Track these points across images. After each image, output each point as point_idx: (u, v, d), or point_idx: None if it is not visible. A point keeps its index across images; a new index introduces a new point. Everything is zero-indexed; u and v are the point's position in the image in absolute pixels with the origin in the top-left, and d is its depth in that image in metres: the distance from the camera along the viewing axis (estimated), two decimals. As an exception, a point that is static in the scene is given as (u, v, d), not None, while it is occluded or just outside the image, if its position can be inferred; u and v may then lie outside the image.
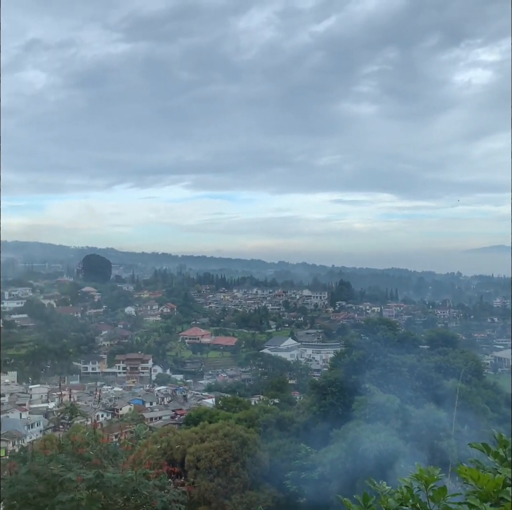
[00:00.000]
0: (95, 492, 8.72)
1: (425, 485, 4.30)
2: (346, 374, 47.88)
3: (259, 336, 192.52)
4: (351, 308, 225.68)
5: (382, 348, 50.74)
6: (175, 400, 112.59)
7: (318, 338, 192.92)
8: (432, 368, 46.86)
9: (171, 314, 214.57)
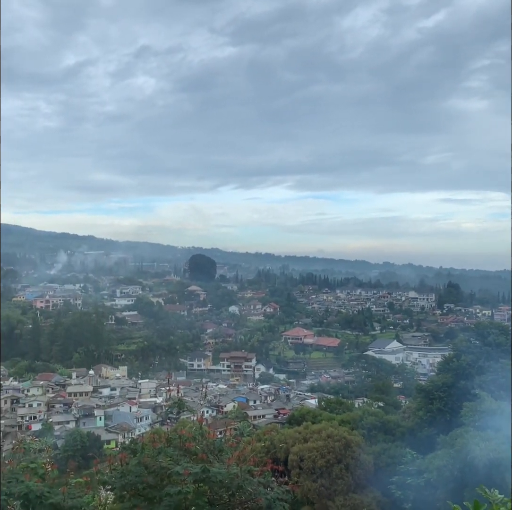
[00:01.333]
0: (201, 486, 8.93)
1: (540, 497, 4.10)
2: (455, 379, 46.30)
3: (362, 338, 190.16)
4: (460, 311, 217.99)
5: (494, 353, 48.67)
6: (278, 399, 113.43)
7: (424, 341, 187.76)
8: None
9: (274, 314, 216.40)
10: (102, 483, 9.55)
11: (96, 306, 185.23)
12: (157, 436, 10.46)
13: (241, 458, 9.57)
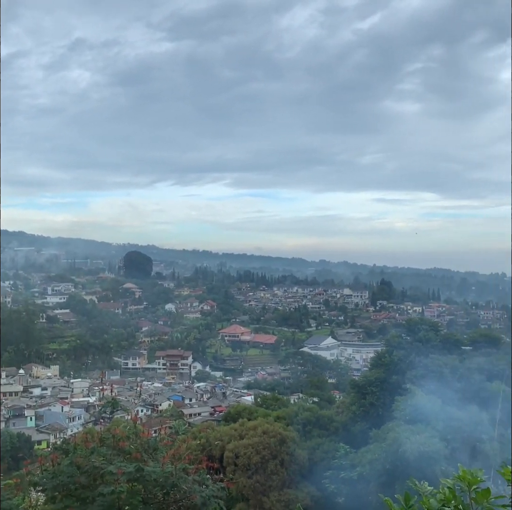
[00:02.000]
0: (135, 486, 8.83)
1: (468, 487, 4.23)
2: (387, 374, 47.47)
3: (299, 334, 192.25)
4: (392, 307, 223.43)
5: (424, 348, 50.14)
6: (214, 396, 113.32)
7: (358, 337, 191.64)
8: (475, 369, 46.02)
9: (211, 312, 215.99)
10: (33, 484, 9.31)
11: (27, 304, 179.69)
12: (90, 436, 10.27)
13: (176, 457, 9.50)
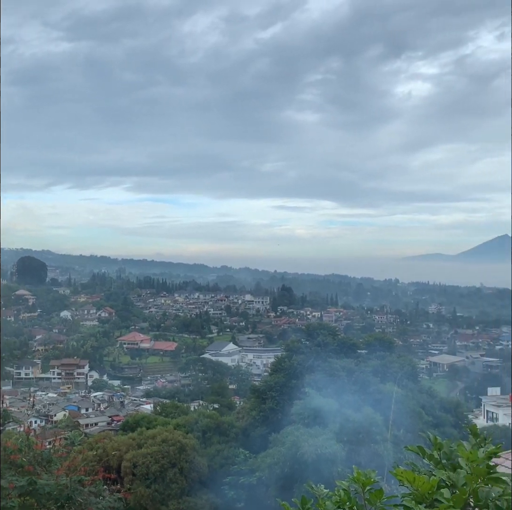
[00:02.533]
0: (27, 500, 8.46)
1: (362, 488, 4.33)
2: (286, 379, 48.14)
3: (200, 341, 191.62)
4: (293, 313, 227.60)
5: (322, 352, 51.25)
6: (112, 406, 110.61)
7: (259, 342, 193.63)
8: (370, 372, 47.60)
9: (109, 319, 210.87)
10: None
11: None
12: (-23, 451, 9.70)
13: (71, 468, 9.19)
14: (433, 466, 4.36)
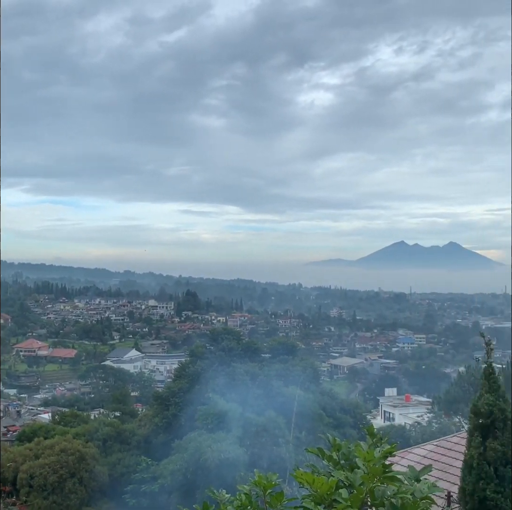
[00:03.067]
0: None
1: (263, 491, 4.33)
2: (190, 385, 47.86)
3: (101, 347, 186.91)
4: (197, 318, 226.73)
5: (226, 357, 51.40)
6: (7, 416, 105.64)
7: (163, 348, 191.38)
8: (273, 376, 48.20)
9: (5, 326, 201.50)
10: None
11: None
12: None
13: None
14: (332, 467, 4.42)
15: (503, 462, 8.48)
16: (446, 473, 15.08)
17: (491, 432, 8.64)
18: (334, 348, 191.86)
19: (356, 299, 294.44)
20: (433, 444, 18.20)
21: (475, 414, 8.91)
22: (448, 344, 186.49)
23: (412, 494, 3.96)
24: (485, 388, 8.97)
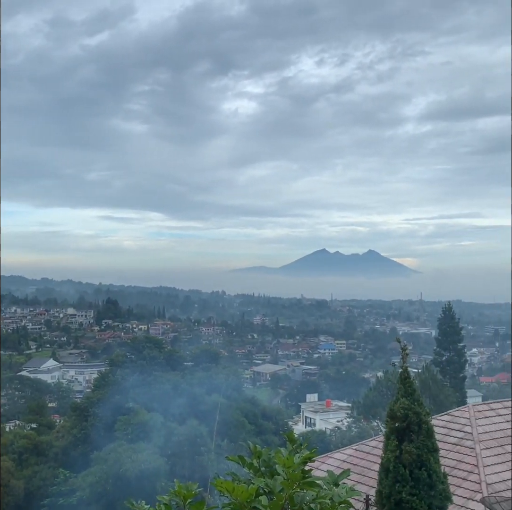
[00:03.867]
0: None
1: (183, 501, 4.29)
2: (110, 394, 46.86)
3: (17, 357, 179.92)
4: (118, 326, 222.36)
5: (148, 366, 50.74)
6: None
7: (82, 358, 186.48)
8: (196, 384, 47.93)
9: None
10: None
11: None
12: None
13: None
14: (253, 475, 4.43)
15: (418, 465, 8.75)
16: (365, 476, 15.44)
17: (407, 436, 8.91)
18: (257, 355, 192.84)
19: (279, 306, 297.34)
20: (353, 448, 18.60)
21: (391, 418, 9.16)
22: (367, 350, 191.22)
23: (331, 499, 4.02)
24: (401, 392, 9.25)
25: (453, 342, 55.82)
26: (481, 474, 14.69)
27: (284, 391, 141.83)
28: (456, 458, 15.68)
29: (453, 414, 18.47)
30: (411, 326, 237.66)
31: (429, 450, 8.89)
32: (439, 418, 17.91)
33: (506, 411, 18.53)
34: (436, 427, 13.75)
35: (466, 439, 16.43)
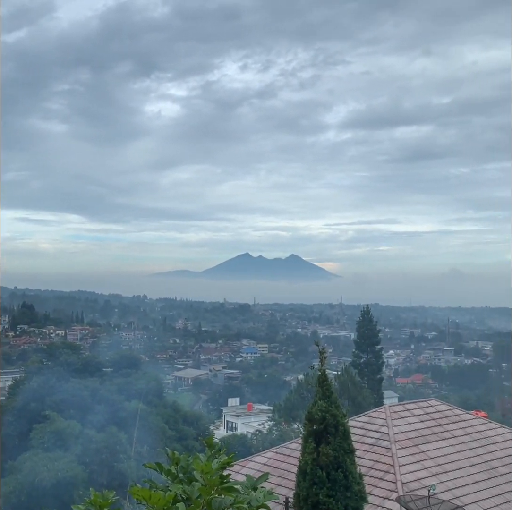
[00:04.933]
0: None
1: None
2: (25, 402, 45.32)
3: None
4: (34, 332, 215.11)
5: (65, 372, 49.43)
6: None
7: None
8: (115, 390, 47.09)
9: None
10: None
11: None
12: None
13: None
14: (171, 481, 4.40)
15: (334, 467, 8.92)
16: (284, 479, 15.59)
17: (324, 438, 9.07)
18: (179, 360, 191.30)
19: (201, 310, 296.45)
20: (273, 451, 18.74)
21: (309, 420, 9.30)
22: (289, 353, 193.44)
23: (249, 503, 4.03)
24: (319, 394, 9.40)
25: (371, 344, 57.34)
26: (396, 474, 15.12)
27: (206, 395, 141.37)
28: (373, 458, 16.08)
29: (370, 415, 18.92)
30: (331, 329, 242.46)
31: (346, 452, 9.08)
32: (357, 419, 18.33)
33: (420, 411, 19.20)
34: (353, 428, 14.10)
35: (383, 440, 16.88)
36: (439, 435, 17.91)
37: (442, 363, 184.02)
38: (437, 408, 19.77)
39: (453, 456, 16.93)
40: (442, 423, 18.73)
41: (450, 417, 19.33)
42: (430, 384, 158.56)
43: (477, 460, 16.97)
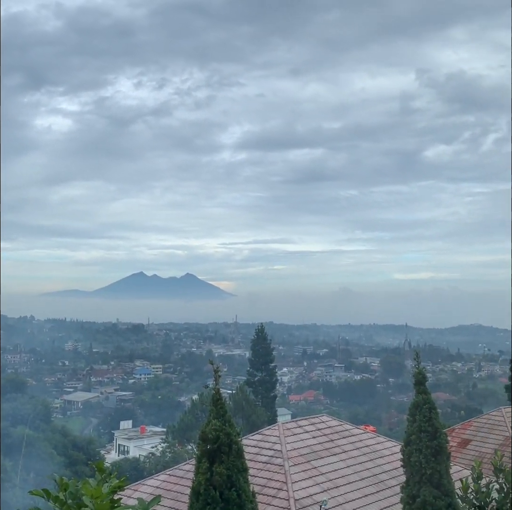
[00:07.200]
0: None
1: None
2: None
3: None
4: None
5: None
6: None
7: None
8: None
9: None
10: None
11: None
12: None
13: None
14: (59, 508, 4.26)
15: (228, 486, 8.93)
16: (178, 501, 15.40)
17: (218, 457, 9.07)
18: (68, 383, 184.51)
19: (93, 331, 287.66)
20: (166, 473, 18.46)
21: (203, 440, 9.27)
22: (184, 373, 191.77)
23: (140, 526, 3.98)
24: (213, 414, 9.41)
25: (265, 362, 58.10)
26: (289, 491, 15.33)
27: (97, 419, 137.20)
28: (266, 476, 16.22)
29: (264, 433, 19.10)
30: (226, 348, 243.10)
31: (239, 470, 9.12)
32: (251, 437, 18.45)
33: (312, 427, 19.62)
34: (248, 446, 14.19)
35: (276, 457, 17.08)
36: (330, 450, 18.36)
37: (333, 379, 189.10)
38: (328, 424, 20.28)
39: (344, 471, 17.40)
40: (333, 438, 19.22)
41: (341, 432, 19.88)
42: (321, 400, 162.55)
43: (367, 474, 17.53)
